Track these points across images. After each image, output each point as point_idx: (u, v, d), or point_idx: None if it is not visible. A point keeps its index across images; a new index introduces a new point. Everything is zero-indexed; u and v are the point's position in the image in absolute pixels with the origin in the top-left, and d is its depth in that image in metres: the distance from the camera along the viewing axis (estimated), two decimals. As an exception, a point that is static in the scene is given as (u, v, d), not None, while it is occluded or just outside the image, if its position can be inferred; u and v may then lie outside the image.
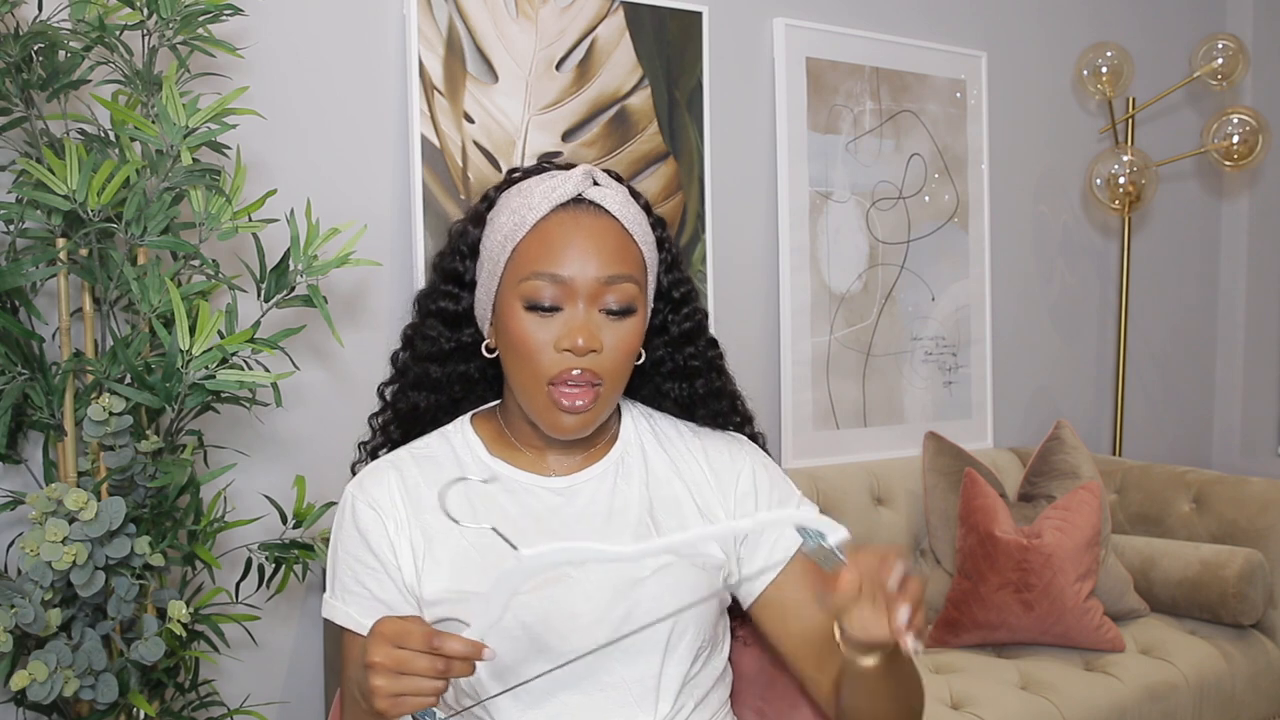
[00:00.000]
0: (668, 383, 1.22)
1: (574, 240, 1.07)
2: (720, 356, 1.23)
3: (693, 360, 1.20)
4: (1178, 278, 3.54)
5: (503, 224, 1.10)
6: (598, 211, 1.09)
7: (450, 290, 1.17)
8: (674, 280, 1.19)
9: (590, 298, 1.07)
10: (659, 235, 1.17)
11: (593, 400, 1.07)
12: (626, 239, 1.10)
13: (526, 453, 1.16)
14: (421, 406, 1.20)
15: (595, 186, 1.11)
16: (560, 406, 1.06)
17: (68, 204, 1.48)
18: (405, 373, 1.21)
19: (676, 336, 1.19)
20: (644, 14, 2.37)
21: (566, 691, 1.07)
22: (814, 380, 2.67)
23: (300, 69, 2.02)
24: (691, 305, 1.20)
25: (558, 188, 1.09)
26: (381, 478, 1.14)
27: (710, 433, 1.23)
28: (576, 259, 1.06)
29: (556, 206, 1.09)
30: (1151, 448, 3.46)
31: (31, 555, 1.41)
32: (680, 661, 1.10)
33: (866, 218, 2.76)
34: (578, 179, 1.10)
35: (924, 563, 2.61)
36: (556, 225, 1.08)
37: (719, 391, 1.22)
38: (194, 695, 1.72)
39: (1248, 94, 3.53)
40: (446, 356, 1.18)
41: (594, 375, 1.06)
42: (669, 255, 1.18)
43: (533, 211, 1.08)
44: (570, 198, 1.09)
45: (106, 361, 1.54)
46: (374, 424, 1.24)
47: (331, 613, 1.13)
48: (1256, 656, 2.44)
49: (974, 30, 2.97)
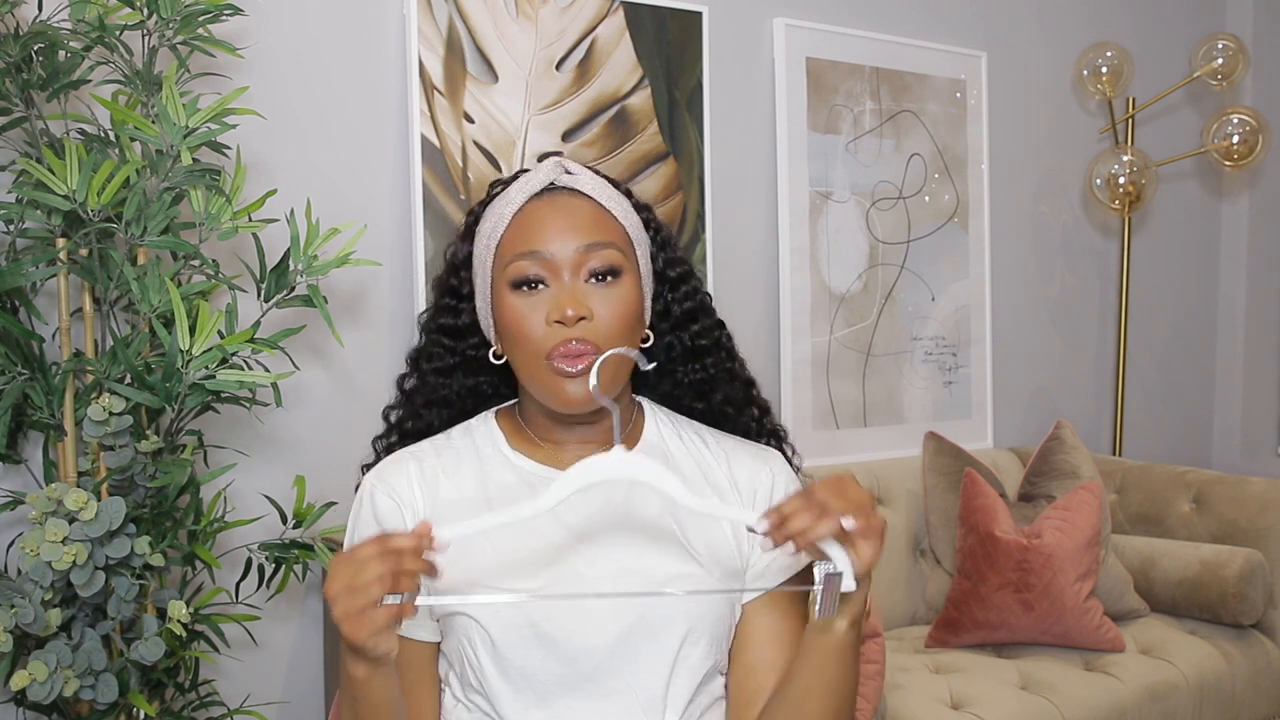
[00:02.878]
0: (680, 368, 1.22)
1: (550, 220, 1.09)
2: (729, 338, 1.23)
3: (700, 339, 1.20)
4: (1178, 278, 3.54)
5: (486, 230, 1.13)
6: (571, 194, 1.12)
7: (450, 304, 1.19)
8: (668, 260, 1.20)
9: (574, 268, 1.08)
10: (644, 216, 1.18)
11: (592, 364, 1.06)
12: (602, 212, 1.11)
13: (544, 447, 1.16)
14: (436, 425, 1.20)
15: (567, 174, 1.13)
16: (563, 373, 1.06)
17: (68, 204, 1.48)
18: (414, 394, 1.21)
19: (680, 317, 1.20)
20: (644, 14, 2.37)
21: (573, 695, 1.07)
22: (814, 380, 2.67)
23: (300, 69, 2.02)
24: (690, 284, 1.21)
25: (530, 180, 1.12)
26: (401, 468, 1.14)
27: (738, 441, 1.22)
28: (554, 235, 1.08)
29: (531, 196, 1.11)
30: (1151, 448, 3.46)
31: (31, 555, 1.42)
32: (690, 673, 1.09)
33: (866, 218, 2.76)
34: (548, 169, 1.13)
35: (924, 563, 2.61)
36: (532, 211, 1.10)
37: (732, 374, 1.22)
38: (194, 695, 1.72)
39: (1247, 94, 3.53)
40: (454, 370, 1.19)
41: (588, 344, 1.06)
42: (658, 235, 1.19)
43: (510, 206, 1.11)
44: (543, 186, 1.12)
45: (106, 361, 1.54)
46: (378, 447, 1.24)
47: None
48: (1256, 656, 2.44)
49: (974, 30, 2.97)
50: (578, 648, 1.06)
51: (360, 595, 0.88)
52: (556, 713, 1.07)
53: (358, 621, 0.89)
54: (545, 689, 1.07)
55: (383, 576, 0.88)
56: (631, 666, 1.07)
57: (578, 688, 1.07)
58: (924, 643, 2.40)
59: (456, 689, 1.13)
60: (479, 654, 1.07)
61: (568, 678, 1.06)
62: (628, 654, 1.07)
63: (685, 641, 1.09)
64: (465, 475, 1.14)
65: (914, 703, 2.07)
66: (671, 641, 1.08)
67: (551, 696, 1.07)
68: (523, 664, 1.06)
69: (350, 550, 0.91)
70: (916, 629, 2.51)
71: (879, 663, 1.80)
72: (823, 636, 1.02)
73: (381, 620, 0.89)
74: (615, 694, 1.07)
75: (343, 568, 0.90)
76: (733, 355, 1.23)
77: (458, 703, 1.13)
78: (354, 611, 0.88)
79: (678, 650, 1.08)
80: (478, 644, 1.07)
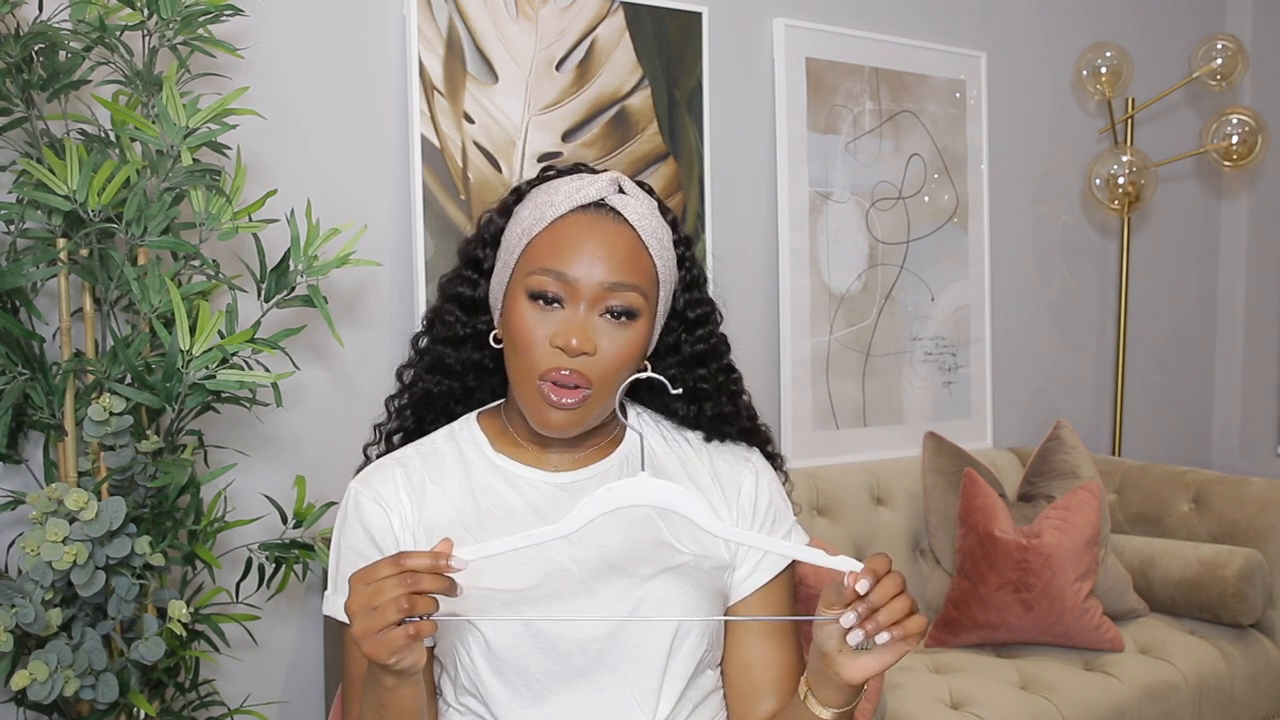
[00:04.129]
0: (676, 402, 1.21)
1: (586, 243, 1.07)
2: (736, 382, 1.22)
3: (703, 383, 1.19)
4: (1177, 278, 3.54)
5: (524, 218, 1.11)
6: (617, 218, 1.09)
7: (469, 275, 1.18)
8: (690, 300, 1.18)
9: (592, 300, 1.07)
10: (681, 253, 1.16)
11: (579, 401, 1.06)
12: (640, 249, 1.09)
13: (529, 449, 1.16)
14: (435, 392, 1.20)
15: (620, 194, 1.11)
16: (548, 401, 1.06)
17: (68, 204, 1.48)
18: (423, 355, 1.21)
19: (688, 357, 1.19)
20: (644, 14, 2.37)
21: (568, 690, 1.07)
22: (814, 380, 2.67)
23: (300, 69, 2.02)
24: (707, 328, 1.19)
25: (582, 189, 1.09)
26: (387, 474, 1.14)
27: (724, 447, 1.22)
28: (585, 261, 1.06)
29: (577, 208, 1.09)
30: (1151, 448, 3.46)
31: (32, 555, 1.42)
32: (683, 666, 1.10)
33: (866, 218, 2.76)
34: (604, 184, 1.10)
35: (924, 563, 2.61)
36: (572, 226, 1.08)
37: (727, 416, 1.21)
38: (194, 695, 1.72)
39: (1247, 94, 3.54)
40: (460, 341, 1.19)
41: (583, 378, 1.06)
42: (689, 275, 1.18)
43: (553, 209, 1.09)
44: (592, 200, 1.09)
45: (107, 361, 1.54)
46: (390, 407, 1.23)
47: (334, 609, 1.13)
48: (1256, 656, 2.44)
49: (974, 30, 2.97)
50: (571, 644, 1.06)
51: (377, 617, 0.88)
52: (551, 710, 1.07)
53: (376, 641, 0.89)
54: (540, 686, 1.07)
55: (398, 599, 0.88)
56: (625, 661, 1.08)
57: (572, 684, 1.07)
58: (924, 642, 2.41)
59: (449, 694, 1.13)
60: (473, 654, 1.07)
61: (562, 674, 1.07)
62: (621, 649, 1.07)
63: (677, 634, 1.09)
64: (451, 480, 1.14)
65: (914, 702, 2.07)
66: (664, 634, 1.09)
67: (547, 693, 1.07)
68: (517, 662, 1.06)
69: (368, 568, 0.90)
70: (916, 629, 2.51)
71: (879, 662, 1.80)
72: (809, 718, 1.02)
73: (399, 640, 0.89)
74: (610, 688, 1.08)
75: (361, 587, 0.89)
76: (735, 399, 1.22)
77: (449, 707, 1.13)
78: (372, 631, 0.88)
79: (670, 642, 1.09)
80: (471, 643, 1.07)
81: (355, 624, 0.89)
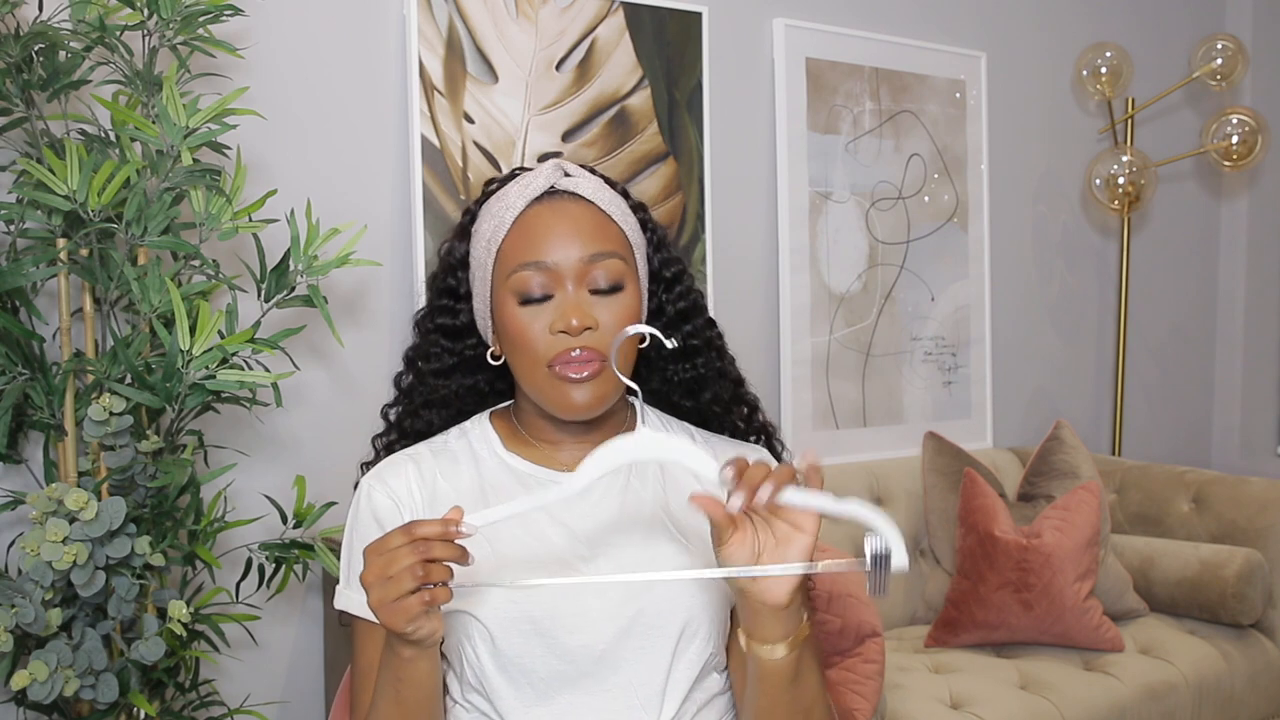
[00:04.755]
0: (671, 365, 1.22)
1: (553, 227, 1.09)
2: (719, 337, 1.24)
3: (691, 339, 1.21)
4: (1177, 278, 3.54)
5: (485, 230, 1.13)
6: (572, 198, 1.12)
7: (447, 305, 1.19)
8: (663, 260, 1.20)
9: (577, 279, 1.08)
10: (641, 217, 1.18)
11: (597, 370, 1.06)
12: (604, 219, 1.11)
13: (540, 448, 1.17)
14: (436, 424, 1.21)
15: (566, 177, 1.13)
16: (566, 379, 1.06)
17: (68, 204, 1.48)
18: (412, 393, 1.22)
19: (674, 316, 1.21)
20: (644, 14, 2.37)
21: (572, 690, 1.08)
22: (814, 380, 2.67)
23: (300, 69, 2.02)
24: (684, 284, 1.21)
25: (531, 183, 1.12)
26: (399, 469, 1.15)
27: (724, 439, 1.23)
28: (558, 244, 1.08)
29: (531, 201, 1.11)
30: (1151, 448, 3.46)
31: (32, 555, 1.42)
32: (688, 667, 1.10)
33: (866, 218, 2.76)
34: (548, 172, 1.13)
35: (924, 562, 2.61)
36: (534, 217, 1.10)
37: (722, 372, 1.23)
38: (194, 695, 1.72)
39: (1247, 94, 3.54)
40: (452, 370, 1.20)
41: (593, 352, 1.06)
42: (654, 236, 1.20)
43: (510, 210, 1.11)
44: (543, 190, 1.11)
45: (107, 361, 1.54)
46: (377, 445, 1.24)
47: (346, 603, 1.14)
48: (1256, 656, 2.44)
49: (974, 30, 2.97)
50: (577, 644, 1.07)
51: (392, 586, 0.89)
52: (556, 709, 1.07)
53: (393, 611, 0.90)
54: (545, 685, 1.07)
55: (413, 567, 0.89)
56: (630, 662, 1.08)
57: (576, 683, 1.07)
58: (923, 642, 2.41)
59: (455, 690, 1.13)
60: (479, 651, 1.08)
61: (567, 673, 1.07)
62: (626, 649, 1.08)
63: (683, 635, 1.09)
64: (462, 477, 1.15)
65: (913, 703, 2.07)
66: (669, 635, 1.09)
67: (551, 693, 1.07)
68: (522, 660, 1.07)
69: (381, 539, 0.91)
70: (916, 629, 2.52)
71: (878, 662, 1.80)
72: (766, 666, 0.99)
73: (415, 608, 0.90)
74: (614, 689, 1.08)
75: (375, 558, 0.90)
76: (722, 354, 1.24)
77: (455, 704, 1.13)
78: (388, 600, 0.89)
79: (675, 644, 1.09)
80: (477, 641, 1.08)
81: (371, 595, 0.90)
